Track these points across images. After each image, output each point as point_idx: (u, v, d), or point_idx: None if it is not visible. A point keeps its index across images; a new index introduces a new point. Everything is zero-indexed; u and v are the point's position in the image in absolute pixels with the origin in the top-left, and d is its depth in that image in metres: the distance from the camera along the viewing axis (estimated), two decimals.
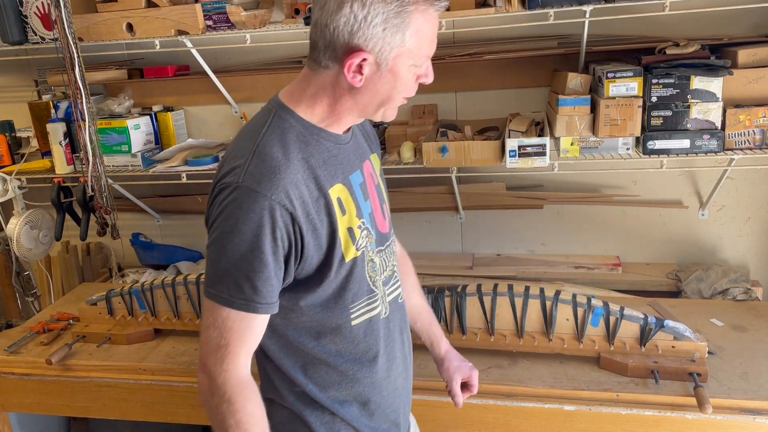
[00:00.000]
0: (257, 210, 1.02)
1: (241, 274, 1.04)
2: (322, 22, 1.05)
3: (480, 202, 2.49)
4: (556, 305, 1.71)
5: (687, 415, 1.56)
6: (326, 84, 1.10)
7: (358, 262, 1.16)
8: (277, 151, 1.07)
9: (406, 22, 1.03)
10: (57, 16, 2.10)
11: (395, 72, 1.08)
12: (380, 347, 1.24)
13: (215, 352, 1.07)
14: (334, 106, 1.12)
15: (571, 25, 2.10)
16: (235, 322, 1.06)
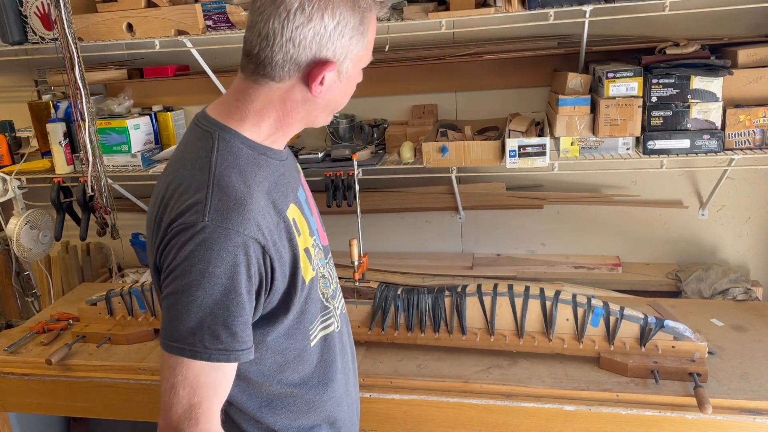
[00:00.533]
0: (230, 249, 0.94)
1: (218, 322, 0.94)
2: (284, 35, 0.96)
3: (480, 202, 2.49)
4: (556, 305, 1.71)
5: (687, 415, 1.56)
6: (275, 98, 1.02)
7: (314, 282, 1.11)
8: (237, 180, 0.98)
9: (366, 27, 1.01)
10: (57, 16, 2.10)
11: (351, 78, 1.05)
12: (338, 363, 1.21)
13: (188, 415, 0.96)
14: (282, 121, 1.04)
15: (571, 25, 2.11)
16: (209, 375, 0.96)
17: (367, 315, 1.86)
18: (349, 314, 1.87)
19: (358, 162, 2.11)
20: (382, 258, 2.59)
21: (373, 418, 1.77)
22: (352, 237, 1.89)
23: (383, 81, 2.45)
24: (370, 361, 1.84)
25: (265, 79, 1.00)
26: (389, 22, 2.02)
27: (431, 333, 1.81)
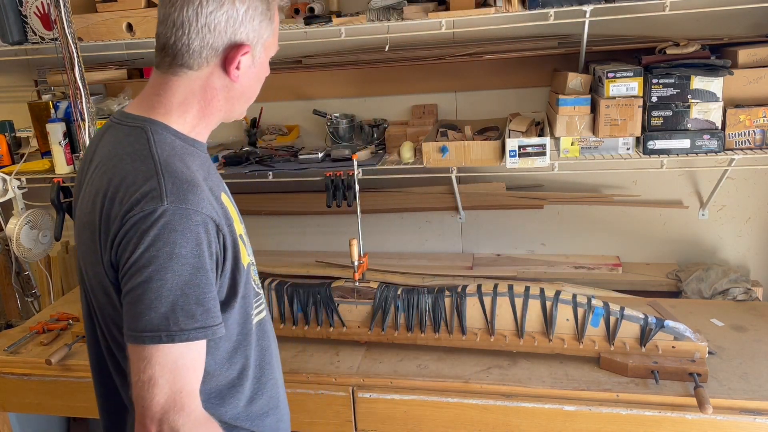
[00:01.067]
0: (193, 228, 0.96)
1: (191, 301, 0.96)
2: (198, 22, 1.00)
3: (480, 202, 2.49)
4: (556, 305, 1.71)
5: (687, 415, 1.56)
6: (196, 88, 1.05)
7: (250, 268, 1.14)
8: (181, 166, 1.01)
9: (272, 15, 1.07)
10: (57, 16, 2.09)
11: (262, 64, 1.10)
12: (272, 347, 1.24)
13: (172, 404, 0.94)
14: (204, 111, 1.08)
15: (571, 25, 2.10)
16: (187, 357, 0.96)
17: (367, 315, 1.86)
18: (349, 314, 1.88)
19: (358, 162, 2.11)
20: (382, 258, 2.59)
21: (373, 418, 1.77)
22: (352, 237, 1.88)
23: (383, 81, 2.45)
24: (370, 361, 1.84)
25: (183, 69, 1.03)
26: (389, 22, 2.02)
27: (431, 333, 1.81)
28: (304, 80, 2.52)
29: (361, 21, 2.05)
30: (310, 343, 1.95)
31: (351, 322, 1.88)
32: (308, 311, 1.90)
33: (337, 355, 1.89)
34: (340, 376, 1.79)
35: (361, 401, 1.76)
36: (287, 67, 2.52)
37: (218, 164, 2.36)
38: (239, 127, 2.63)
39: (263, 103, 2.57)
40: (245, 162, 2.32)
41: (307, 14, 2.15)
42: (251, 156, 2.35)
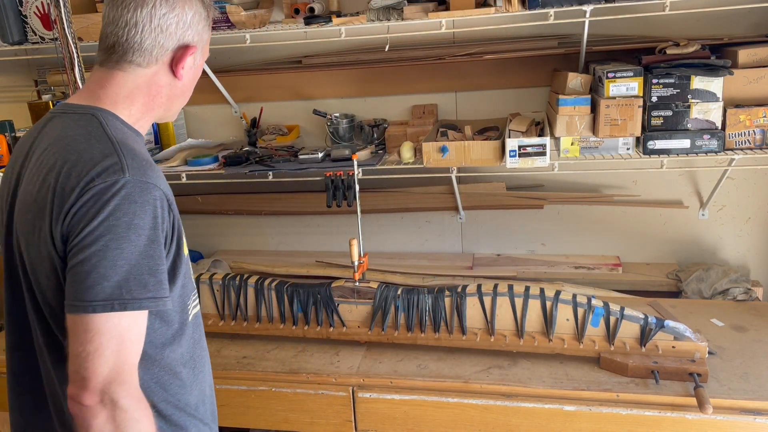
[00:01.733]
0: (150, 201, 1.00)
1: (144, 271, 0.98)
2: (151, 23, 1.08)
3: (480, 202, 2.49)
4: (556, 305, 1.71)
5: (687, 415, 1.56)
6: (142, 83, 1.12)
7: (188, 259, 1.19)
8: (136, 147, 1.07)
9: (210, 20, 1.17)
10: (57, 16, 2.09)
11: (199, 66, 1.18)
12: (203, 341, 1.26)
13: (115, 376, 0.95)
14: (148, 105, 1.14)
15: (571, 25, 2.10)
16: (134, 328, 0.98)
17: (367, 315, 1.86)
18: (349, 314, 1.88)
19: (358, 162, 2.11)
20: (382, 258, 2.59)
21: (373, 418, 1.77)
22: (352, 237, 1.88)
23: (383, 81, 2.45)
24: (370, 361, 1.84)
25: (132, 66, 1.10)
26: (389, 22, 2.02)
27: (431, 333, 1.81)
28: (304, 80, 2.52)
29: (361, 21, 2.05)
30: (310, 343, 1.95)
31: (351, 322, 1.88)
32: (308, 311, 1.90)
33: (337, 355, 1.89)
34: (340, 376, 1.79)
35: (361, 401, 1.76)
36: (287, 67, 2.52)
37: (218, 164, 2.36)
38: (239, 127, 2.64)
39: (263, 103, 2.57)
40: (245, 162, 2.32)
41: (307, 14, 2.15)
42: (251, 156, 2.35)
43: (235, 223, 2.80)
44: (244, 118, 2.57)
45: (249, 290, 1.95)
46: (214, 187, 2.69)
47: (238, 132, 2.66)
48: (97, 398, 0.95)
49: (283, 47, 2.47)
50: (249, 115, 2.58)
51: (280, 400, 1.82)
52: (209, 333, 2.05)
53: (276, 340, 1.99)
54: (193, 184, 2.49)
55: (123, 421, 0.97)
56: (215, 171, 2.34)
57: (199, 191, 2.73)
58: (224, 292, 1.97)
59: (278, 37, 2.32)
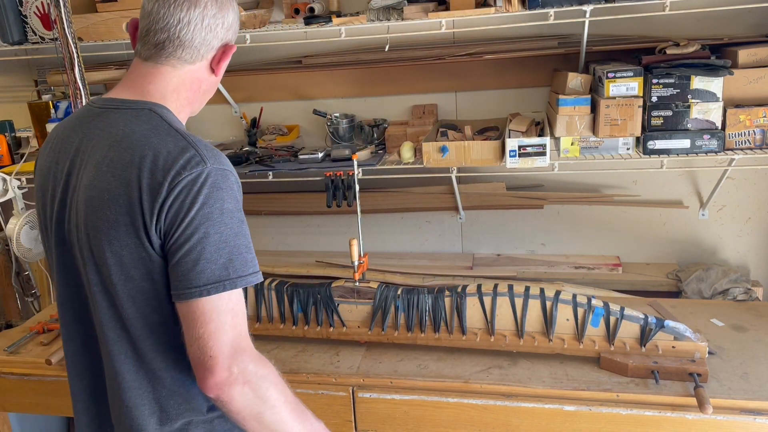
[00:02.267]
0: (231, 185, 1.09)
1: (242, 250, 1.07)
2: (201, 23, 1.15)
3: (480, 202, 2.49)
4: (556, 305, 1.71)
5: (687, 415, 1.56)
6: (186, 79, 1.19)
7: None
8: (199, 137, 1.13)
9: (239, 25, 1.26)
10: (57, 16, 2.09)
11: (225, 66, 1.26)
12: None
13: (238, 347, 1.05)
14: (189, 99, 1.22)
15: (571, 25, 2.10)
16: (240, 302, 1.08)
17: (367, 315, 1.86)
18: (349, 314, 1.88)
19: (358, 162, 2.11)
20: (382, 258, 2.59)
21: (373, 418, 1.77)
22: (352, 237, 1.88)
23: (383, 81, 2.45)
24: (370, 361, 1.84)
25: (180, 62, 1.17)
26: (389, 22, 2.02)
27: (431, 333, 1.81)
28: (304, 80, 2.52)
29: (361, 21, 2.05)
30: (310, 343, 1.95)
31: (351, 322, 1.88)
32: (308, 311, 1.90)
33: (337, 355, 1.89)
34: (340, 376, 1.79)
35: (361, 401, 1.76)
36: (287, 67, 2.52)
37: None
38: (239, 127, 2.64)
39: (263, 103, 2.57)
40: (245, 162, 2.32)
41: (307, 14, 2.15)
42: (251, 156, 2.35)
43: None
44: (244, 118, 2.57)
45: (249, 290, 1.95)
46: None
47: (238, 132, 2.66)
48: (226, 372, 1.03)
49: (283, 47, 2.47)
50: (249, 115, 2.58)
51: None
52: None
53: (276, 340, 1.99)
54: None
55: (257, 383, 1.06)
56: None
57: None
58: None
59: (278, 37, 2.32)
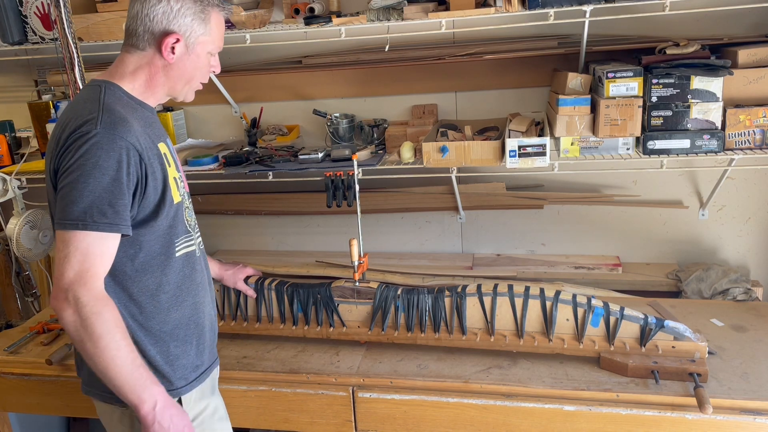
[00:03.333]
0: (116, 149, 1.27)
1: (104, 203, 1.25)
2: (143, 13, 1.35)
3: (480, 202, 2.49)
4: (556, 305, 1.71)
5: (687, 415, 1.56)
6: (143, 64, 1.39)
7: (180, 206, 1.45)
8: (120, 109, 1.33)
9: (207, 17, 1.40)
10: (57, 16, 2.09)
11: (197, 54, 1.41)
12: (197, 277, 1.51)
13: (78, 278, 1.24)
14: (149, 83, 1.41)
15: (571, 25, 2.10)
16: (96, 245, 1.26)
17: (367, 315, 1.86)
18: (349, 314, 1.88)
19: (358, 162, 2.11)
20: (382, 258, 2.59)
21: (373, 418, 1.77)
22: (352, 237, 1.88)
23: (383, 81, 2.45)
24: (370, 361, 1.84)
25: (134, 49, 1.39)
26: (389, 22, 2.02)
27: (431, 333, 1.81)
28: (304, 80, 2.52)
29: (361, 21, 2.05)
30: (310, 343, 1.95)
31: (351, 322, 1.88)
32: (308, 311, 1.90)
33: (337, 355, 1.89)
34: (340, 376, 1.79)
35: (361, 401, 1.76)
36: (287, 67, 2.52)
37: (218, 164, 2.36)
38: (239, 127, 2.64)
39: (263, 103, 2.57)
40: (245, 162, 2.32)
41: (307, 14, 2.15)
42: (251, 156, 2.35)
43: (235, 223, 2.80)
44: (244, 118, 2.57)
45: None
46: (214, 187, 2.69)
47: (238, 132, 2.66)
48: (63, 295, 1.24)
49: (283, 47, 2.47)
50: (249, 115, 2.58)
51: (280, 400, 1.83)
52: None
53: (276, 340, 1.99)
54: (193, 184, 2.48)
55: (85, 314, 1.24)
56: (215, 171, 2.34)
57: (199, 191, 2.73)
58: (224, 292, 1.97)
59: (278, 37, 2.32)
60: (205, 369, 1.54)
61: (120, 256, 1.33)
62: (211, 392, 1.58)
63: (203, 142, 2.59)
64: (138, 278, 1.39)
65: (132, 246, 1.36)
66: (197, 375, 1.50)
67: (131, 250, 1.36)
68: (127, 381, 1.28)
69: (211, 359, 1.57)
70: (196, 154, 2.41)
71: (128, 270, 1.37)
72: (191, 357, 1.48)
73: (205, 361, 1.54)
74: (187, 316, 1.47)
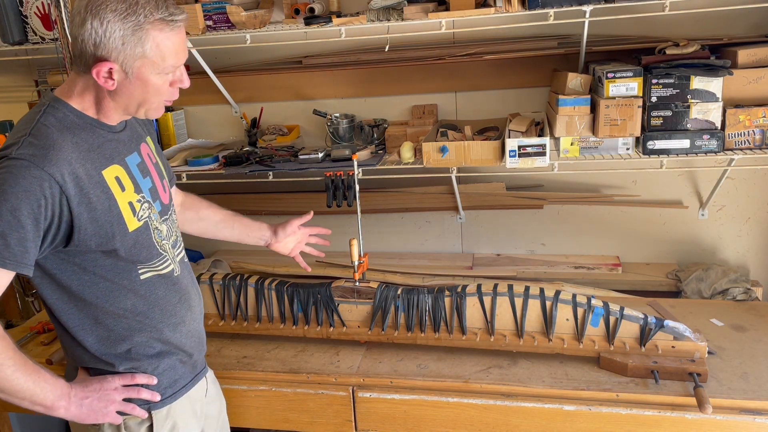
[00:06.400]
0: (27, 178, 1.15)
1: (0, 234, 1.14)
2: (72, 34, 1.22)
3: (480, 202, 2.49)
4: (556, 305, 1.71)
5: (687, 415, 1.56)
6: (89, 85, 1.27)
7: (145, 230, 1.35)
8: (52, 133, 1.22)
9: (144, 38, 1.20)
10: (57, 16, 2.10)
11: (143, 79, 1.24)
12: (174, 297, 1.43)
13: None
14: (99, 104, 1.29)
15: (571, 25, 2.11)
16: None
17: (367, 315, 1.86)
18: (349, 314, 1.88)
19: (358, 162, 2.11)
20: (382, 258, 2.59)
21: (373, 418, 1.77)
22: (352, 237, 1.89)
23: (383, 81, 2.45)
24: (370, 361, 1.84)
25: (78, 69, 1.25)
26: (389, 22, 2.02)
27: (431, 333, 1.81)
28: (304, 80, 2.53)
29: (361, 21, 2.06)
30: (310, 343, 1.95)
31: (351, 322, 1.88)
32: (308, 311, 1.90)
33: (337, 355, 1.89)
34: (340, 376, 1.79)
35: (361, 401, 1.76)
36: (287, 67, 2.53)
37: (218, 164, 2.36)
38: (239, 127, 2.64)
39: (263, 103, 2.58)
40: (245, 162, 2.32)
41: (307, 14, 2.15)
42: (251, 156, 2.35)
43: None
44: (245, 118, 2.57)
45: (249, 290, 1.95)
46: (215, 187, 2.69)
47: (238, 132, 2.66)
48: None
49: (283, 47, 2.47)
50: (249, 115, 2.58)
51: (280, 399, 1.83)
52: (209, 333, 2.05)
53: (276, 340, 1.99)
54: (193, 184, 2.49)
55: None
56: (215, 171, 2.34)
57: (199, 191, 2.72)
58: (224, 292, 1.97)
59: (278, 37, 2.32)
60: (183, 386, 1.49)
61: (76, 282, 1.29)
62: (192, 414, 1.52)
63: (203, 142, 2.59)
64: (101, 304, 1.33)
65: (86, 272, 1.30)
66: (174, 391, 1.46)
67: (85, 277, 1.30)
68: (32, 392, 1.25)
69: (191, 374, 1.52)
70: (196, 154, 2.41)
71: (88, 296, 1.31)
72: (168, 373, 1.45)
73: (182, 376, 1.49)
74: (161, 337, 1.42)
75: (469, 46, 2.33)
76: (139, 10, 1.18)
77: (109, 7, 1.17)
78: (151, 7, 1.19)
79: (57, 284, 1.30)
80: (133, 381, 1.39)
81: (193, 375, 1.52)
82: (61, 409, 1.30)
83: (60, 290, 1.30)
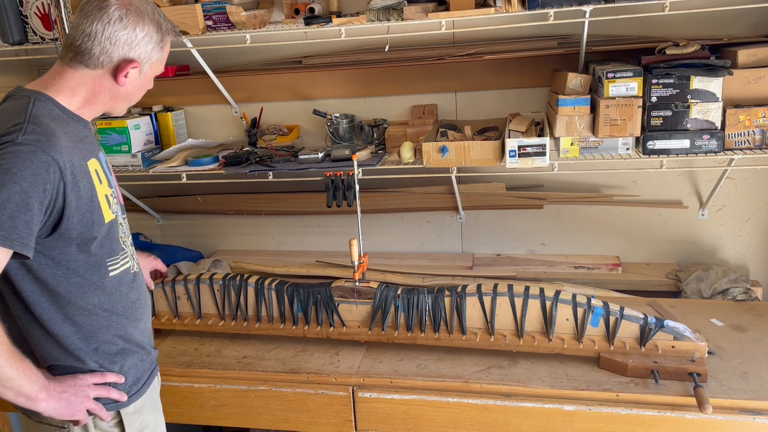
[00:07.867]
0: (35, 161, 1.20)
1: (5, 213, 1.17)
2: (103, 35, 1.29)
3: (480, 202, 2.50)
4: (556, 305, 1.71)
5: (687, 415, 1.56)
6: (87, 81, 1.34)
7: (114, 224, 1.41)
8: (48, 122, 1.27)
9: (164, 44, 1.40)
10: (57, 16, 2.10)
11: (147, 78, 1.41)
12: (133, 295, 1.48)
13: None
14: (90, 100, 1.36)
15: (571, 25, 2.11)
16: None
17: (367, 315, 1.86)
18: (349, 314, 1.88)
19: (358, 162, 2.12)
20: (382, 258, 2.59)
21: (373, 418, 1.77)
22: (352, 237, 1.89)
23: (383, 81, 2.45)
24: (370, 361, 1.84)
25: (80, 66, 1.32)
26: (389, 22, 2.02)
27: (431, 333, 1.81)
28: (304, 80, 2.53)
29: (361, 21, 2.06)
30: (310, 342, 1.96)
31: (351, 322, 1.89)
32: (308, 311, 1.90)
33: (337, 355, 1.89)
34: (340, 375, 1.79)
35: (361, 401, 1.76)
36: (287, 68, 2.52)
37: (218, 164, 2.36)
38: (239, 127, 2.64)
39: (263, 103, 2.58)
40: (245, 162, 2.32)
41: (307, 14, 2.15)
42: (251, 156, 2.35)
43: (235, 223, 2.80)
44: (244, 118, 2.57)
45: (249, 290, 1.95)
46: (215, 187, 2.69)
47: (238, 132, 2.66)
48: None
49: (283, 47, 2.47)
50: (249, 115, 2.58)
51: (280, 400, 1.83)
52: (209, 333, 2.06)
53: (276, 340, 1.99)
54: (194, 184, 2.49)
55: None
56: (215, 171, 2.34)
57: (199, 191, 2.73)
58: (224, 292, 1.97)
59: (278, 37, 2.32)
60: (144, 382, 1.53)
61: (51, 276, 1.31)
62: (153, 409, 1.58)
63: (203, 142, 2.59)
64: (72, 299, 1.35)
65: (59, 267, 1.32)
66: (137, 389, 1.50)
67: (59, 271, 1.32)
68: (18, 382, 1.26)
69: (149, 370, 1.56)
70: (196, 154, 2.41)
71: (61, 291, 1.33)
72: (131, 371, 1.48)
73: (143, 374, 1.53)
74: (124, 334, 1.45)
75: (469, 46, 2.33)
76: (162, 22, 1.38)
77: (148, 16, 1.34)
78: (166, 20, 1.40)
79: (33, 276, 1.31)
80: (104, 379, 1.42)
81: (151, 371, 1.57)
82: (42, 401, 1.31)
83: (35, 282, 1.32)
